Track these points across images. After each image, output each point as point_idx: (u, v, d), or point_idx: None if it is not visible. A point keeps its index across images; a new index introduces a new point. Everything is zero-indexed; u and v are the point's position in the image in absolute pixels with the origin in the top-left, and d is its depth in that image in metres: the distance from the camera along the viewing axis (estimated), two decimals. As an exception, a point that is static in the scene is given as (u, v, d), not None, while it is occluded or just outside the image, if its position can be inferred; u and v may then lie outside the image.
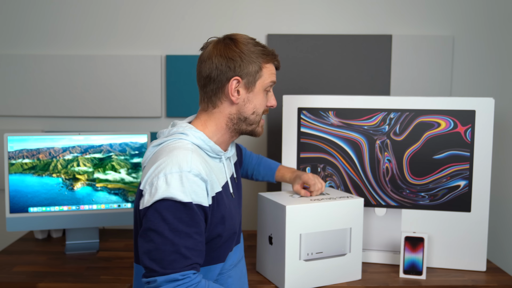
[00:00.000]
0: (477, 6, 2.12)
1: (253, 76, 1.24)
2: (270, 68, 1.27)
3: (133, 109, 2.17)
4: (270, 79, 1.27)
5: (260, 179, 1.69)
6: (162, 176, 1.09)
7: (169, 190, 1.07)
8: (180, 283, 1.05)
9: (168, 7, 2.14)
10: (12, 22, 2.15)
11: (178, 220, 1.07)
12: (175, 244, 1.06)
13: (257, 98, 1.26)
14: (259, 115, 1.28)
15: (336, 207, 1.53)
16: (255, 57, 1.23)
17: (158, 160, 1.13)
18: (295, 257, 1.50)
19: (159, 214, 1.07)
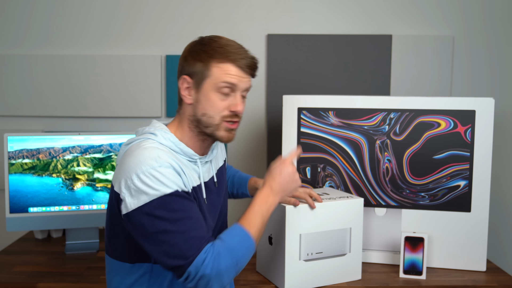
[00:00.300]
0: (477, 6, 2.12)
1: (200, 75, 1.19)
2: (224, 68, 1.17)
3: (133, 109, 2.17)
4: (221, 80, 1.17)
5: (235, 192, 1.64)
6: (135, 178, 1.09)
7: (149, 192, 1.08)
8: (207, 260, 1.07)
9: (168, 7, 2.14)
10: (12, 22, 2.15)
11: (173, 211, 1.08)
12: (183, 232, 1.08)
13: (207, 99, 1.19)
14: (212, 118, 1.20)
15: (335, 207, 1.53)
16: (206, 56, 1.18)
17: (125, 161, 1.13)
18: (295, 257, 1.50)
19: (153, 217, 1.08)
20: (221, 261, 1.09)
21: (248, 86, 1.23)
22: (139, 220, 1.09)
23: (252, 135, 2.18)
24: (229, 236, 1.14)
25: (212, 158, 1.33)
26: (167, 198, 1.08)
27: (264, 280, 1.59)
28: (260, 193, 1.23)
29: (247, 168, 2.19)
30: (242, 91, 1.22)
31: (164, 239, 1.07)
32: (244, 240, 1.14)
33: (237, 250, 1.12)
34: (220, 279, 1.09)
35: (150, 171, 1.09)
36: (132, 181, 1.09)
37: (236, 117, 1.22)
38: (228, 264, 1.09)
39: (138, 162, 1.10)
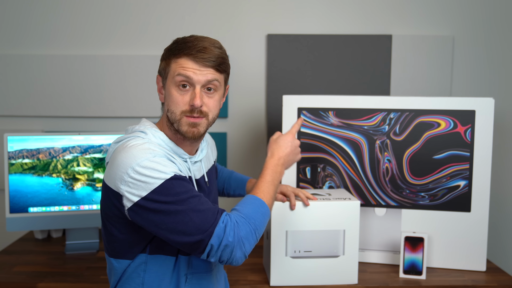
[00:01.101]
0: (477, 6, 2.12)
1: (164, 73, 1.22)
2: (180, 62, 1.18)
3: (133, 109, 2.17)
4: (177, 73, 1.17)
5: (231, 193, 1.64)
6: (131, 171, 1.09)
7: (148, 181, 1.09)
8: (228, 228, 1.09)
9: (168, 7, 2.14)
10: (12, 22, 2.15)
11: (177, 194, 1.09)
12: (193, 209, 1.09)
13: (169, 95, 1.20)
14: (174, 113, 1.19)
15: (327, 208, 1.53)
16: (168, 53, 1.21)
17: (117, 158, 1.13)
18: (281, 253, 1.53)
19: (159, 203, 1.09)
20: (241, 228, 1.11)
21: (210, 79, 1.18)
22: (146, 210, 1.10)
23: (252, 135, 2.18)
24: (244, 206, 1.16)
25: (202, 157, 1.33)
26: (167, 183, 1.09)
27: (264, 280, 1.60)
28: (269, 163, 1.27)
29: (247, 168, 2.19)
30: (202, 84, 1.18)
31: (177, 220, 1.08)
32: (260, 207, 1.16)
33: (254, 217, 1.14)
34: (242, 246, 1.10)
35: (145, 162, 1.10)
36: (129, 175, 1.09)
37: (198, 113, 1.19)
38: (247, 231, 1.11)
39: (132, 156, 1.11)
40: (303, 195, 1.54)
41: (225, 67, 1.22)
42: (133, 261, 1.22)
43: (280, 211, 1.52)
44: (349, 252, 1.56)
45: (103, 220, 1.24)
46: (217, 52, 1.19)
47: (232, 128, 2.19)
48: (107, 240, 1.24)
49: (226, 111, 2.16)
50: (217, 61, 1.18)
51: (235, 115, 2.18)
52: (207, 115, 1.21)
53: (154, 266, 1.22)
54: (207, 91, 1.20)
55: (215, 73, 1.19)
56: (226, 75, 1.25)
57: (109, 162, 1.19)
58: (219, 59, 1.19)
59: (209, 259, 1.11)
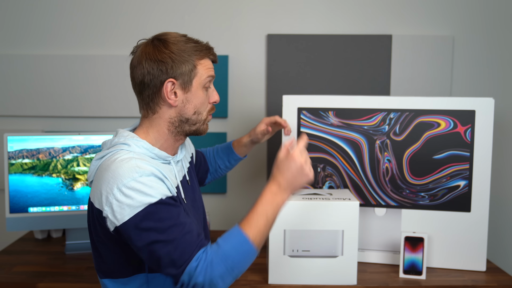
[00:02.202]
0: (477, 6, 2.12)
1: (188, 75, 1.19)
2: (205, 64, 1.22)
3: (133, 109, 2.17)
4: (206, 75, 1.22)
5: (227, 163, 1.64)
6: (117, 192, 1.06)
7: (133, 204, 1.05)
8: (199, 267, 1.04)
9: (168, 7, 2.14)
10: (12, 22, 2.15)
11: (160, 221, 1.05)
12: (173, 241, 1.05)
13: (197, 97, 1.21)
14: (201, 114, 1.24)
15: (326, 208, 1.53)
16: (187, 56, 1.19)
17: (102, 177, 1.09)
18: (279, 251, 1.54)
19: (140, 229, 1.05)
20: (214, 268, 1.05)
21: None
22: (128, 233, 1.07)
23: (252, 135, 2.18)
24: (225, 241, 1.09)
25: (182, 156, 1.33)
26: (152, 208, 1.05)
27: (264, 280, 1.60)
28: (266, 191, 1.15)
29: (247, 168, 2.19)
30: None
31: (155, 249, 1.05)
32: (241, 245, 1.08)
33: (232, 256, 1.06)
34: (214, 286, 1.05)
35: (131, 183, 1.05)
36: (114, 196, 1.06)
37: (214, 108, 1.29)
38: (222, 271, 1.05)
39: (117, 175, 1.07)
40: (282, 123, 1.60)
41: None
42: (133, 282, 1.19)
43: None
44: (348, 253, 1.56)
45: (93, 240, 1.20)
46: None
47: (232, 128, 2.18)
48: (99, 260, 1.20)
49: (226, 111, 2.16)
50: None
51: (235, 115, 2.18)
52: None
53: (156, 286, 1.20)
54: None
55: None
56: None
57: (93, 181, 1.15)
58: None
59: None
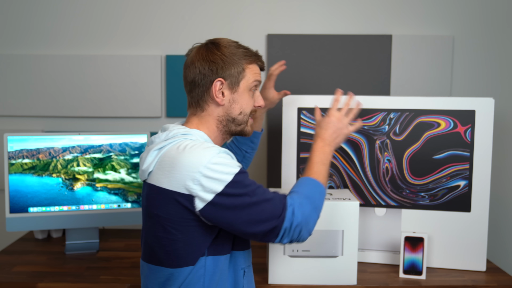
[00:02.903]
0: (476, 6, 2.12)
1: (236, 77, 1.28)
2: (253, 69, 1.30)
3: (133, 109, 2.17)
4: (253, 79, 1.30)
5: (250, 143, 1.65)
6: (204, 170, 1.13)
7: (221, 177, 1.14)
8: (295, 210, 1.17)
9: (168, 7, 2.14)
10: (12, 22, 2.15)
11: (246, 186, 1.16)
12: (264, 198, 1.16)
13: (243, 98, 1.30)
14: (246, 115, 1.32)
15: (326, 208, 1.53)
16: (237, 59, 1.27)
17: (180, 161, 1.14)
18: (279, 251, 1.55)
19: (234, 196, 1.14)
20: (304, 208, 1.18)
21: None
22: (221, 207, 1.14)
23: (252, 135, 2.18)
24: (301, 187, 1.23)
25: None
26: (237, 177, 1.15)
27: (264, 280, 1.60)
28: (314, 146, 1.34)
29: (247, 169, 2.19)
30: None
31: (252, 211, 1.15)
32: (316, 187, 1.24)
33: (313, 197, 1.22)
34: (307, 225, 1.19)
35: (215, 159, 1.14)
36: (202, 173, 1.13)
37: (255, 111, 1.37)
38: (310, 210, 1.19)
39: (199, 155, 1.14)
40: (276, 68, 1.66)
41: None
42: (195, 266, 1.21)
43: None
44: (348, 253, 1.55)
45: (161, 229, 1.20)
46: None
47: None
48: (168, 250, 1.21)
49: (226, 111, 2.16)
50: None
51: (235, 115, 2.18)
52: None
53: (211, 267, 1.23)
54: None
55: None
56: None
57: (166, 168, 1.17)
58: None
59: (282, 241, 1.18)
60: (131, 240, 2.01)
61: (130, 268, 1.71)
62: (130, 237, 2.05)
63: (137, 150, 1.94)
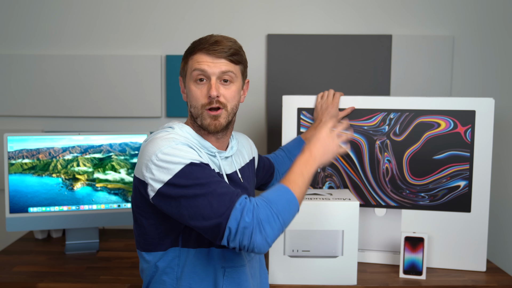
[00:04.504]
0: (477, 6, 2.12)
1: (184, 71, 1.28)
2: (195, 58, 1.24)
3: (133, 109, 2.17)
4: (193, 68, 1.23)
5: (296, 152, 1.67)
6: (155, 158, 1.13)
7: (170, 167, 1.11)
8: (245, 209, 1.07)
9: (168, 7, 2.14)
10: (13, 22, 2.15)
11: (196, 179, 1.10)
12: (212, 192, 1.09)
13: (189, 90, 1.26)
14: (196, 108, 1.25)
15: (326, 208, 1.53)
16: (186, 53, 1.27)
17: (143, 150, 1.18)
18: (279, 251, 1.54)
19: (179, 187, 1.10)
20: (260, 211, 1.08)
21: (224, 70, 1.23)
22: (168, 195, 1.12)
23: (252, 135, 2.18)
24: (268, 192, 1.13)
25: (232, 153, 1.35)
26: (187, 168, 1.11)
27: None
28: (300, 157, 1.22)
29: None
30: (217, 76, 1.23)
31: (196, 204, 1.09)
32: (285, 193, 1.12)
33: (276, 202, 1.10)
34: (262, 230, 1.06)
35: (167, 149, 1.13)
36: (153, 162, 1.13)
37: (217, 103, 1.23)
38: (267, 214, 1.08)
39: (156, 144, 1.15)
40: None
41: (239, 59, 1.26)
42: (166, 255, 1.24)
43: None
44: (348, 253, 1.56)
45: (134, 214, 1.27)
46: (229, 44, 1.24)
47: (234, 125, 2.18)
48: (138, 233, 1.26)
49: (226, 111, 2.16)
50: (229, 51, 1.23)
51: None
52: (226, 106, 1.25)
53: (188, 260, 1.23)
54: (223, 83, 1.25)
55: (228, 63, 1.24)
56: (242, 67, 1.29)
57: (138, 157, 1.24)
58: (232, 50, 1.24)
59: (230, 245, 1.08)
60: (131, 240, 2.01)
61: (130, 268, 1.71)
62: (130, 237, 2.05)
63: (137, 150, 1.94)
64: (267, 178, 1.63)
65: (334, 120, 1.37)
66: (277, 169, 1.66)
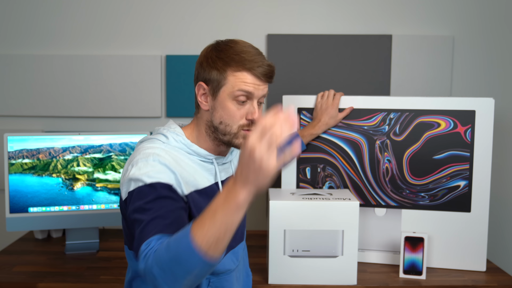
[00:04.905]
0: (477, 6, 2.12)
1: (217, 83, 1.17)
2: (240, 76, 1.15)
3: (133, 109, 2.17)
4: (237, 88, 1.15)
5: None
6: (129, 169, 1.13)
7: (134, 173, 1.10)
8: (145, 252, 0.96)
9: (168, 7, 2.14)
10: (12, 22, 2.15)
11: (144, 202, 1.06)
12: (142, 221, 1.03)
13: (223, 108, 1.17)
14: (229, 126, 1.18)
15: (326, 208, 1.53)
16: (221, 64, 1.16)
17: (131, 157, 1.18)
18: (279, 251, 1.54)
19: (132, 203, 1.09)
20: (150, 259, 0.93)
21: (265, 93, 1.21)
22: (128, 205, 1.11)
23: (252, 135, 2.18)
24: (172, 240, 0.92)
25: (231, 159, 1.33)
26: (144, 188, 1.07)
27: (264, 280, 1.60)
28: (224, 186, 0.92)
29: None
30: (258, 98, 1.20)
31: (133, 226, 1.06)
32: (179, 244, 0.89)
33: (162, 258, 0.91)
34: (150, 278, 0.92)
35: (141, 164, 1.11)
36: (127, 172, 1.13)
37: (253, 125, 1.19)
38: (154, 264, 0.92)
39: (138, 155, 1.15)
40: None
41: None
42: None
43: (279, 209, 1.53)
44: (348, 253, 1.56)
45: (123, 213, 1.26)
46: (271, 67, 1.21)
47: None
48: (123, 226, 1.26)
49: (226, 111, 2.16)
50: (272, 76, 1.21)
51: (235, 115, 2.18)
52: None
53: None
54: (258, 104, 1.22)
55: (267, 86, 1.22)
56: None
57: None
58: (273, 73, 1.21)
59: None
60: (131, 240, 2.02)
61: (130, 268, 1.71)
62: (130, 237, 2.05)
63: (137, 150, 1.94)
64: None
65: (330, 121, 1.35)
66: None
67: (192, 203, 1.17)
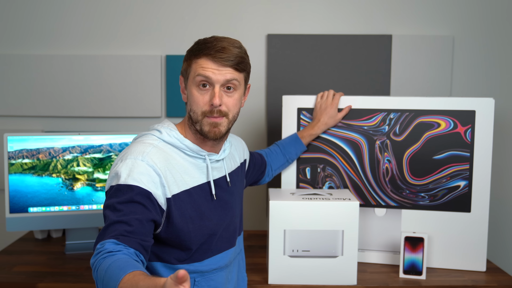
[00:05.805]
0: (477, 6, 2.12)
1: (186, 74, 1.24)
2: (200, 62, 1.19)
3: (133, 109, 2.17)
4: (197, 73, 1.19)
5: (294, 156, 1.70)
6: (118, 163, 1.15)
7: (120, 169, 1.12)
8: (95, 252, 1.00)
9: (168, 7, 2.14)
10: (12, 22, 2.15)
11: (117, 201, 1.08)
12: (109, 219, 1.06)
13: (190, 95, 1.23)
14: (195, 113, 1.22)
15: (326, 208, 1.53)
16: (189, 54, 1.23)
17: (123, 150, 1.21)
18: (279, 251, 1.54)
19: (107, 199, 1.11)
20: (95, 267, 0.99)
21: (229, 78, 1.20)
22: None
23: (252, 135, 2.18)
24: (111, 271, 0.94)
25: (224, 157, 1.33)
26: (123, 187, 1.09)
27: (264, 280, 1.60)
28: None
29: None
30: (221, 84, 1.20)
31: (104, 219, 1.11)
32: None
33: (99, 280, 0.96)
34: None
35: (128, 161, 1.13)
36: (115, 165, 1.15)
37: (218, 113, 1.21)
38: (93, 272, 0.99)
39: (129, 151, 1.17)
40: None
41: (244, 66, 1.23)
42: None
43: (279, 209, 1.53)
44: (348, 253, 1.56)
45: None
46: (236, 51, 1.20)
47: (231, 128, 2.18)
48: None
49: (226, 111, 2.16)
50: (235, 60, 1.20)
51: (235, 115, 2.18)
52: (227, 114, 1.23)
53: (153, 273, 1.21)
54: (226, 90, 1.22)
55: (233, 72, 1.21)
56: (245, 74, 1.26)
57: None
58: (238, 58, 1.20)
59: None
60: (131, 240, 2.01)
61: (130, 268, 1.71)
62: (130, 237, 2.04)
63: (137, 150, 1.94)
64: (257, 176, 1.64)
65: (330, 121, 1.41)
66: (270, 164, 1.66)
67: (175, 206, 1.18)
